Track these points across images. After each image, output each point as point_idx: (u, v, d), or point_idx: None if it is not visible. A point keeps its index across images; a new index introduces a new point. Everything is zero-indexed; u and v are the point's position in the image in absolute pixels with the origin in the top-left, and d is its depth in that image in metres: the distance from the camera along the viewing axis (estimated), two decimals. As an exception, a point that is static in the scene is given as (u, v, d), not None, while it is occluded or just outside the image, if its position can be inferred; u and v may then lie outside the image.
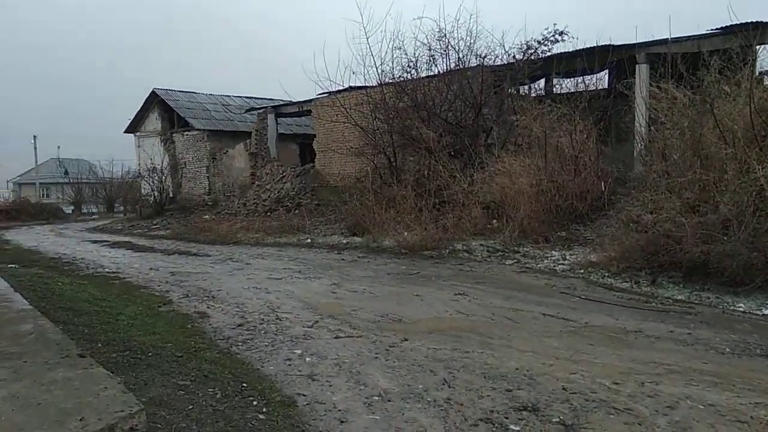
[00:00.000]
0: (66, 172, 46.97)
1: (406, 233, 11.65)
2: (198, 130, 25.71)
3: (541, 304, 6.44)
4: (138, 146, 30.03)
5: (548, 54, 13.03)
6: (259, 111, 24.03)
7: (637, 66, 12.50)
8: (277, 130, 23.98)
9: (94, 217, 34.46)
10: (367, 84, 16.28)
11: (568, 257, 9.26)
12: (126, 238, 16.19)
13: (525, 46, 12.95)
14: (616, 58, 12.68)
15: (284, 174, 22.24)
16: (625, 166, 11.80)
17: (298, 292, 7.36)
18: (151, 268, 9.43)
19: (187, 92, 28.09)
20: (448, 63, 14.65)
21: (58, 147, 55.11)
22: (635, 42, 12.33)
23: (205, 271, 9.08)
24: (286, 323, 5.81)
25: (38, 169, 49.27)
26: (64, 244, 14.45)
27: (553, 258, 9.23)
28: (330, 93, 20.39)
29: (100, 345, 4.53)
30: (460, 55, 14.41)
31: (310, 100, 21.37)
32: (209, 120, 26.27)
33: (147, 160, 27.20)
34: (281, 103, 24.11)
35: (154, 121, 28.83)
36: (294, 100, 22.99)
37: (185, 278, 8.40)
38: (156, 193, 25.54)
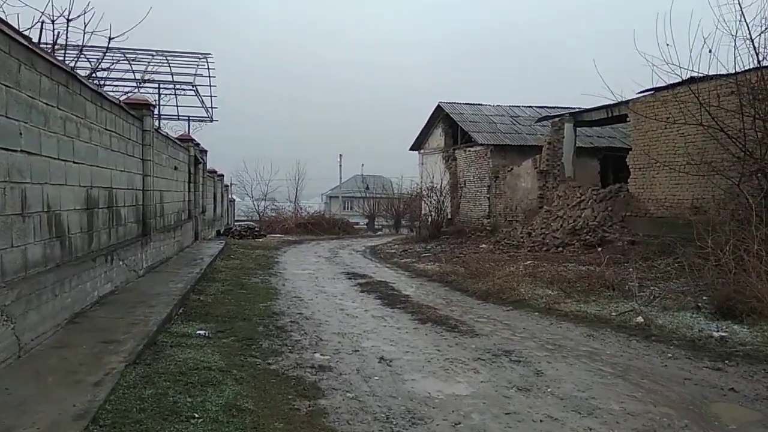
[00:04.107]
0: (367, 187, 49.55)
1: None
2: (481, 145, 22.16)
3: None
4: (421, 164, 28.17)
5: None
6: (554, 120, 19.19)
7: None
8: (575, 142, 18.81)
9: (379, 233, 34.22)
10: (725, 70, 10.17)
11: None
12: (388, 272, 13.23)
13: None
14: None
15: (582, 197, 16.93)
16: None
17: None
18: (381, 359, 5.62)
19: (473, 104, 24.93)
20: None
21: (362, 165, 59.19)
22: None
23: (459, 395, 4.78)
24: None
25: (342, 185, 53.25)
26: (319, 277, 12.07)
27: None
28: (656, 90, 14.47)
29: None
30: None
31: (626, 102, 15.65)
32: (494, 134, 22.50)
33: (428, 178, 24.87)
34: (582, 109, 18.89)
35: (437, 137, 26.50)
36: (600, 105, 17.58)
37: (422, 412, 4.29)
38: (433, 214, 22.89)
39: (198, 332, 6.12)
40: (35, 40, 8.25)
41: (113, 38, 8.90)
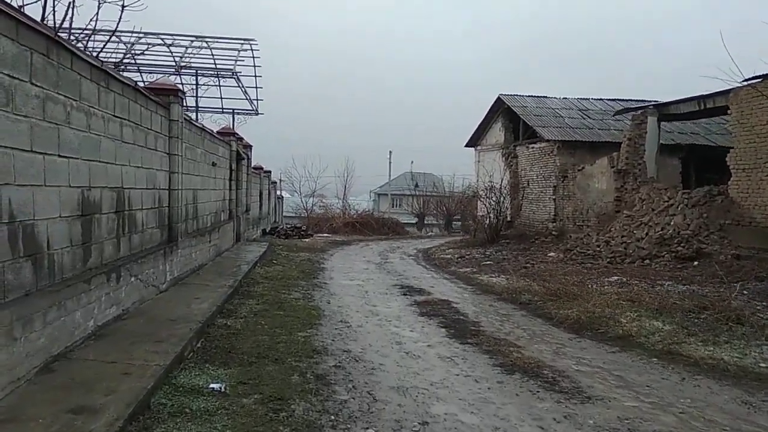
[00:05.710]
0: (416, 185, 47.66)
1: None
2: (547, 141, 19.96)
3: None
4: (477, 161, 26.13)
5: None
6: (635, 113, 16.83)
7: None
8: (659, 138, 16.43)
9: (429, 234, 32.39)
10: None
11: None
12: (448, 286, 11.40)
13: None
14: None
15: (671, 201, 14.58)
16: None
17: None
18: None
19: (537, 97, 22.73)
20: None
21: (412, 162, 57.39)
22: None
23: None
24: None
25: (391, 182, 51.58)
26: (370, 291, 10.38)
27: None
28: (765, 77, 12.06)
29: None
30: None
31: (726, 91, 13.24)
32: (561, 129, 20.24)
33: (485, 177, 22.82)
34: (668, 101, 16.44)
35: (496, 133, 24.41)
36: (690, 96, 15.17)
37: None
38: (492, 216, 20.83)
39: (211, 385, 4.52)
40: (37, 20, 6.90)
41: (126, 6, 7.44)
